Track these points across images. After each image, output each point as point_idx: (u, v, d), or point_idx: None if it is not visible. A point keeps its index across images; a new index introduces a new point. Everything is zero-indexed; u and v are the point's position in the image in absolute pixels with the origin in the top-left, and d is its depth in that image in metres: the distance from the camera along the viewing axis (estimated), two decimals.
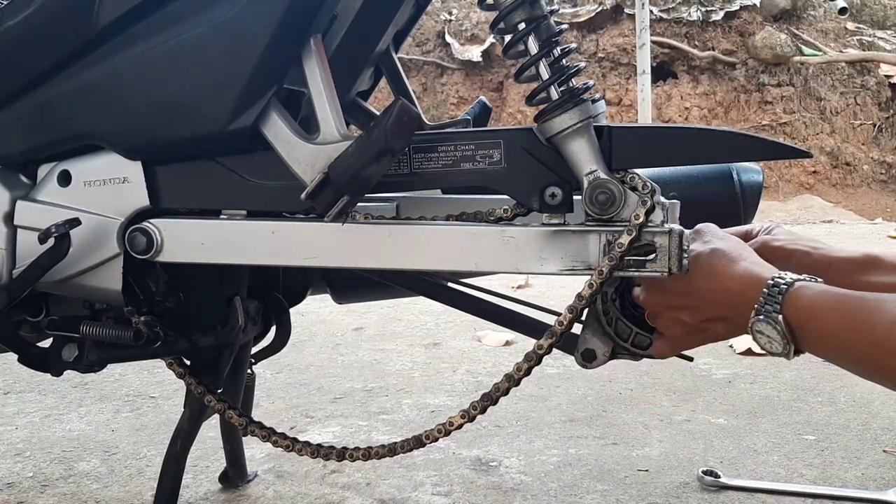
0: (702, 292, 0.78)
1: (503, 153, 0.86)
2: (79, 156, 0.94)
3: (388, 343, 2.50)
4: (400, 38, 1.16)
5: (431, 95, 8.30)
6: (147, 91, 0.89)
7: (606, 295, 0.89)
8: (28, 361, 1.02)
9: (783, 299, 0.71)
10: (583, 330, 0.90)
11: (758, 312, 0.72)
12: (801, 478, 1.42)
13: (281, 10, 0.83)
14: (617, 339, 0.90)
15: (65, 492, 1.42)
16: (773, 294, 0.71)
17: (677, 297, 0.81)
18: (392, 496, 1.38)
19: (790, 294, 0.71)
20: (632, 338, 0.89)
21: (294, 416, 1.81)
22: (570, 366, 2.07)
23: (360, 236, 0.87)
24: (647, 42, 6.17)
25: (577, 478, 1.44)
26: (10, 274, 0.95)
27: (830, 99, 7.66)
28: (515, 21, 0.85)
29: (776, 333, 0.71)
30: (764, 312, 0.72)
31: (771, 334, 0.71)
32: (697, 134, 0.85)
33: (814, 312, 0.70)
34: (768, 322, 0.71)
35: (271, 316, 1.17)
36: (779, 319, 0.71)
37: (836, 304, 0.69)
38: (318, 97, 0.86)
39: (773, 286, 0.72)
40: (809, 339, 0.71)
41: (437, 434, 0.91)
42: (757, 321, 0.72)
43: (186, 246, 0.91)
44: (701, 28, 7.90)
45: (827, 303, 0.70)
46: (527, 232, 0.84)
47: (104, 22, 0.88)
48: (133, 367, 2.15)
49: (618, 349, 0.90)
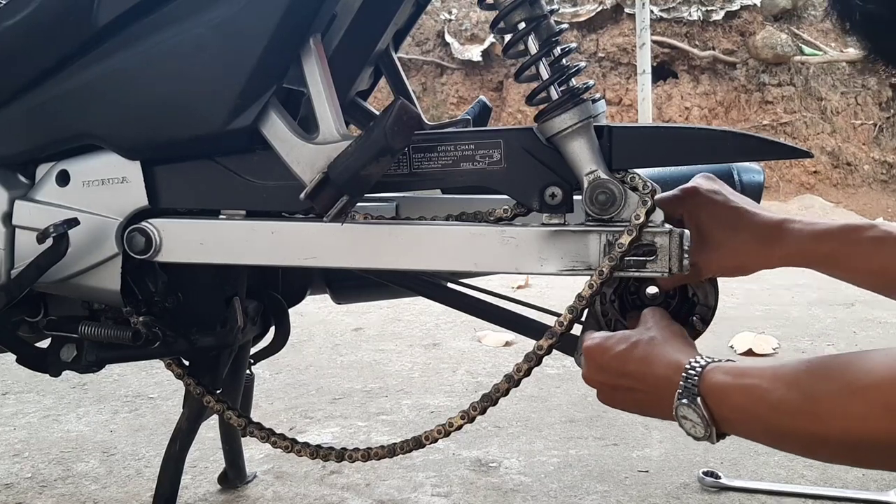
0: (633, 377, 0.78)
1: (503, 153, 0.86)
2: (77, 156, 0.94)
3: (388, 343, 2.49)
4: (400, 37, 1.15)
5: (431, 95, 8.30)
6: (146, 91, 0.88)
7: (605, 296, 0.89)
8: (26, 362, 1.01)
9: (699, 382, 0.72)
10: (582, 331, 0.90)
11: (679, 398, 0.73)
12: (801, 479, 1.42)
13: (280, 9, 0.83)
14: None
15: (63, 492, 1.42)
16: (690, 377, 0.72)
17: (613, 376, 0.80)
18: (391, 497, 1.38)
19: (704, 377, 0.72)
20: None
21: (293, 416, 1.81)
22: (569, 366, 2.07)
23: (360, 236, 0.87)
24: (647, 42, 6.16)
25: (577, 479, 1.44)
26: (9, 274, 0.95)
27: (831, 99, 7.66)
28: (515, 20, 0.85)
29: (697, 417, 0.72)
30: (685, 397, 0.72)
31: (693, 418, 0.72)
32: (698, 134, 0.85)
33: (723, 390, 0.71)
34: (690, 406, 0.72)
35: (270, 316, 1.16)
36: (697, 402, 0.71)
37: (739, 378, 0.70)
38: (317, 97, 0.86)
39: (690, 369, 0.73)
40: (726, 419, 0.72)
41: (437, 435, 0.91)
42: (680, 405, 0.73)
43: (185, 246, 0.91)
44: (701, 28, 7.90)
45: (733, 377, 0.71)
46: (527, 232, 0.84)
47: (103, 22, 0.88)
48: (132, 368, 2.14)
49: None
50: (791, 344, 2.39)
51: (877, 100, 7.74)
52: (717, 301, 0.90)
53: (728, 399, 0.71)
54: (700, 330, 0.90)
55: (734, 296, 3.03)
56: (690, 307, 0.90)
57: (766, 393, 0.68)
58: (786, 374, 0.68)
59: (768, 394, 0.67)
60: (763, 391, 0.68)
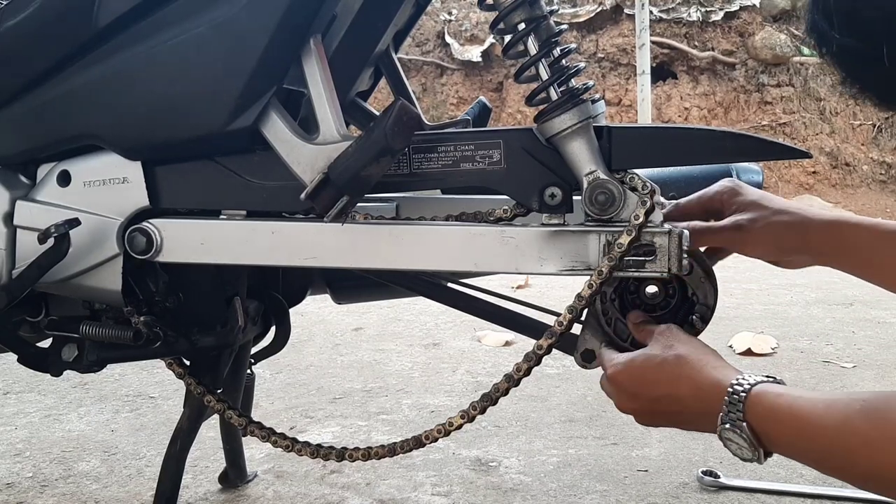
0: (669, 399, 0.78)
1: (503, 153, 0.87)
2: (78, 156, 0.94)
3: (388, 343, 2.50)
4: (400, 38, 1.16)
5: (431, 95, 8.29)
6: (147, 91, 0.89)
7: (605, 295, 0.89)
8: (27, 361, 1.02)
9: (744, 406, 0.71)
10: (582, 330, 0.90)
11: (723, 421, 0.73)
12: (800, 478, 1.42)
13: (281, 10, 0.83)
14: (616, 339, 0.90)
15: (64, 492, 1.42)
16: (734, 402, 0.72)
17: (647, 402, 0.80)
18: (392, 496, 1.38)
19: (750, 400, 0.71)
20: (631, 338, 0.89)
21: (293, 416, 1.81)
22: (569, 366, 2.07)
23: (360, 236, 0.87)
24: (646, 42, 6.17)
25: (577, 478, 1.44)
26: (10, 274, 0.95)
27: (830, 99, 7.66)
28: (515, 21, 0.85)
29: (743, 441, 0.72)
30: (729, 421, 0.72)
31: (739, 441, 0.72)
32: (697, 134, 0.85)
33: (772, 420, 0.71)
34: (734, 431, 0.72)
35: (271, 316, 1.17)
36: (743, 427, 0.71)
37: (789, 409, 0.70)
38: (317, 97, 0.86)
39: (733, 394, 0.72)
40: (774, 443, 0.72)
41: (437, 434, 0.91)
42: (723, 430, 0.73)
43: (186, 246, 0.91)
44: (701, 28, 7.90)
45: (782, 406, 0.70)
46: (526, 232, 0.84)
47: (104, 22, 0.88)
48: (133, 368, 2.15)
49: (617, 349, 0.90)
50: (790, 343, 2.40)
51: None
52: (717, 300, 0.90)
53: (777, 428, 0.71)
54: (700, 329, 0.90)
55: (733, 295, 3.04)
56: (690, 307, 0.90)
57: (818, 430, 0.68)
58: (839, 413, 0.67)
59: (821, 432, 0.68)
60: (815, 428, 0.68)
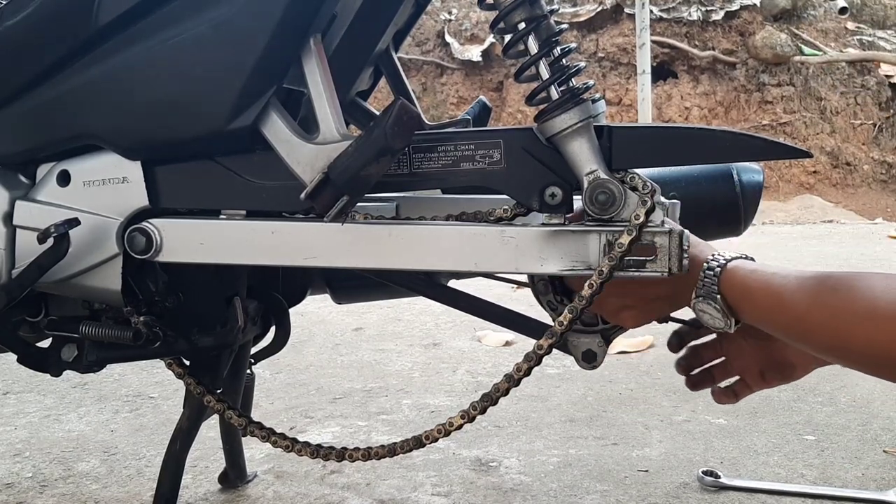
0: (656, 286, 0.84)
1: (503, 153, 0.86)
2: (78, 156, 0.94)
3: (388, 343, 2.49)
4: (400, 37, 1.15)
5: (431, 95, 8.30)
6: (146, 90, 0.88)
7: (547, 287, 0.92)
8: (27, 361, 1.01)
9: (719, 280, 0.79)
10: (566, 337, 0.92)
11: (697, 294, 0.80)
12: (801, 478, 1.42)
13: (280, 9, 0.83)
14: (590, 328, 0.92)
15: (64, 492, 1.42)
16: (710, 276, 0.79)
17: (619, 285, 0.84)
18: (392, 496, 1.38)
19: (725, 274, 0.79)
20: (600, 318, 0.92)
21: (293, 416, 1.81)
22: (569, 366, 2.07)
23: (360, 236, 0.87)
24: (647, 42, 6.17)
25: (577, 478, 1.44)
26: (10, 274, 0.95)
27: (831, 99, 7.66)
28: (515, 21, 0.85)
29: (716, 311, 0.79)
30: (704, 293, 0.80)
31: (711, 312, 0.80)
32: (697, 134, 0.85)
33: (745, 291, 0.78)
34: (708, 302, 0.79)
35: (271, 316, 1.17)
36: (717, 298, 0.79)
37: (764, 284, 0.77)
38: (317, 97, 0.86)
39: (709, 269, 0.80)
40: (744, 313, 0.79)
41: (437, 434, 0.91)
42: (698, 301, 0.80)
43: (186, 246, 0.91)
44: (701, 28, 7.90)
45: (756, 281, 0.77)
46: (526, 232, 0.84)
47: (103, 21, 0.87)
48: (132, 368, 2.15)
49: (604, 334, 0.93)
50: None
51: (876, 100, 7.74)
52: None
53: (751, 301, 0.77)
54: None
55: None
56: None
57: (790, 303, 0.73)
58: (811, 288, 0.73)
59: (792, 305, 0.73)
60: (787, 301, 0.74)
